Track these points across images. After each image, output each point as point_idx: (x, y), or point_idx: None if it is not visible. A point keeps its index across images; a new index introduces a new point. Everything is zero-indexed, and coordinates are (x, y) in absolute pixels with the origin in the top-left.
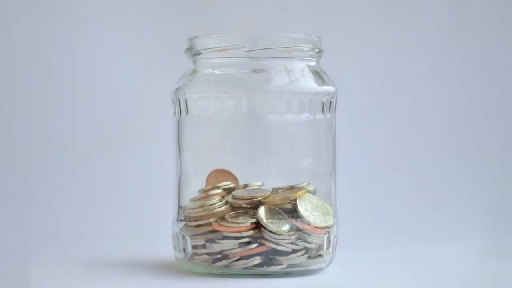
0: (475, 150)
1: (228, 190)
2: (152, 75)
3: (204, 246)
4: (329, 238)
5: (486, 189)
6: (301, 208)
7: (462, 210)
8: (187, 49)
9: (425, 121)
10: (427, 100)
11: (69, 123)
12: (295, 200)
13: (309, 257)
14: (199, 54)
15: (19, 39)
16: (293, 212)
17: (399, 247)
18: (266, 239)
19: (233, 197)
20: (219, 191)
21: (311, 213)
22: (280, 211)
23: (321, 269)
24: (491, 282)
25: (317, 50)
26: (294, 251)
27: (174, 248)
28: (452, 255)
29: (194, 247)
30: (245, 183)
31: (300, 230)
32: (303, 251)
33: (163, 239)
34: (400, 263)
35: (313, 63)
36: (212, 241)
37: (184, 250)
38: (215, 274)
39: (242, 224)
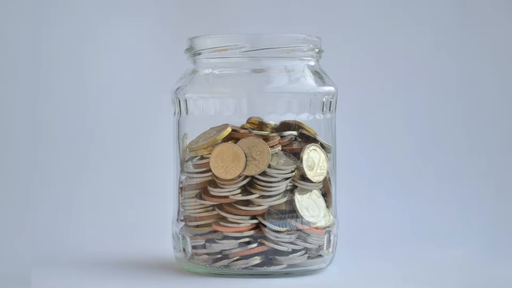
0: (476, 151)
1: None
2: (152, 75)
3: (204, 246)
4: (329, 238)
5: (486, 190)
6: (301, 208)
7: (462, 211)
8: (187, 49)
9: (425, 121)
10: (427, 100)
11: (68, 123)
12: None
13: (309, 257)
14: (199, 54)
15: (20, 38)
16: (292, 213)
17: (399, 247)
18: (267, 239)
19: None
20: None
21: (311, 214)
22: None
23: (321, 269)
24: (491, 283)
25: (317, 50)
26: (294, 251)
27: (174, 248)
28: (452, 256)
29: (194, 247)
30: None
31: (300, 230)
32: (303, 251)
33: (163, 239)
34: (400, 263)
35: (313, 63)
36: (212, 241)
37: (184, 250)
38: (215, 274)
39: (242, 224)
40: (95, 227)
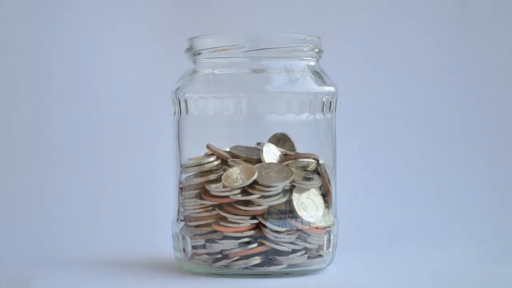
0: (475, 151)
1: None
2: (152, 75)
3: (204, 246)
4: (329, 238)
5: (486, 190)
6: (298, 208)
7: (462, 212)
8: (187, 49)
9: (425, 121)
10: (427, 100)
11: (68, 123)
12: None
13: (309, 257)
14: (199, 54)
15: (20, 39)
16: (292, 213)
17: (399, 247)
18: (267, 239)
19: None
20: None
21: (309, 213)
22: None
23: (321, 269)
24: (491, 284)
25: (317, 50)
26: (294, 251)
27: (174, 248)
28: (452, 256)
29: (194, 247)
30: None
31: (300, 230)
32: (303, 251)
33: (163, 239)
34: (399, 263)
35: (313, 63)
36: (212, 241)
37: (184, 250)
38: (215, 274)
39: (242, 224)
40: (95, 227)
